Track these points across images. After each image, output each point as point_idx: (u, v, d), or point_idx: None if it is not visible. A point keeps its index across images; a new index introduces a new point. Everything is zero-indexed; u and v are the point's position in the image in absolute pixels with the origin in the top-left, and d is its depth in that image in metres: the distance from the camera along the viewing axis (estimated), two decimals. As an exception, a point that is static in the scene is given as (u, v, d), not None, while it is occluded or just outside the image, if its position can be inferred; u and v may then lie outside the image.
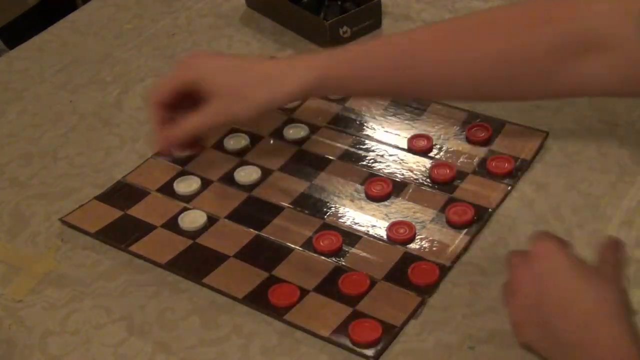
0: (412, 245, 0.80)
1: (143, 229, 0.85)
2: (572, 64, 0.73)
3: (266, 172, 0.90)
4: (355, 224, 0.83)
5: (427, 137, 0.92)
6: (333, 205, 0.85)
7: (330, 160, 0.91)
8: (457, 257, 0.79)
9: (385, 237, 0.81)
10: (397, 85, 0.79)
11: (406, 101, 0.98)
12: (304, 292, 0.76)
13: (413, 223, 0.82)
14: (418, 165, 0.89)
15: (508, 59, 0.75)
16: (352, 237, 0.82)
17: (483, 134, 0.91)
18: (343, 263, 0.79)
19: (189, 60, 0.83)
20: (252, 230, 0.83)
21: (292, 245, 0.81)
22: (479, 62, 0.75)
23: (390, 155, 0.91)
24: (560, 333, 0.62)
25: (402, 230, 0.81)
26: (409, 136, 0.92)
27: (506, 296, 0.69)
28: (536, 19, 0.75)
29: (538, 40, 0.74)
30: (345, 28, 1.09)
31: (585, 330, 0.62)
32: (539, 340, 0.65)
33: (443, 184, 0.86)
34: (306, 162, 0.91)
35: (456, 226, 0.82)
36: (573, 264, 0.65)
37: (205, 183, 0.90)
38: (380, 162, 0.90)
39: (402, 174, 0.88)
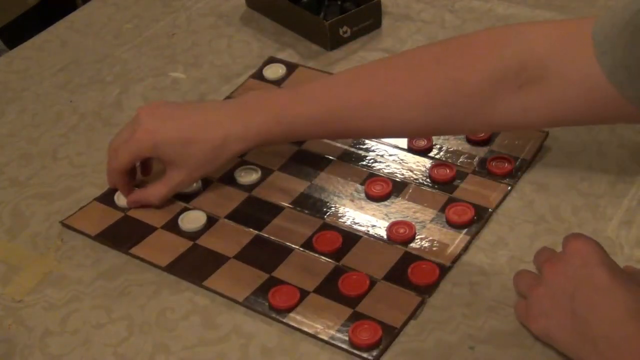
0: (412, 245, 0.80)
1: (143, 230, 0.85)
2: (508, 96, 0.74)
3: (266, 172, 0.90)
4: (355, 224, 0.83)
5: (427, 137, 0.91)
6: (333, 205, 0.85)
7: (330, 160, 0.91)
8: (457, 257, 0.79)
9: (385, 237, 0.81)
10: (335, 135, 0.89)
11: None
12: (304, 294, 0.76)
13: (413, 223, 0.82)
14: (418, 165, 0.89)
15: (441, 97, 0.77)
16: (352, 237, 0.82)
17: (483, 134, 0.91)
18: (343, 263, 0.79)
19: (143, 127, 0.84)
20: (252, 230, 0.83)
21: (292, 245, 0.81)
22: (414, 105, 0.78)
23: (390, 155, 0.91)
24: (589, 326, 0.64)
25: (402, 230, 0.81)
26: (409, 136, 0.92)
27: (527, 285, 0.70)
28: (470, 54, 0.77)
29: (473, 75, 0.75)
30: (345, 28, 1.09)
31: (615, 326, 0.63)
32: (563, 331, 0.66)
33: (443, 184, 0.86)
34: (306, 162, 0.91)
35: (456, 226, 0.82)
36: (607, 262, 0.66)
37: (206, 183, 0.90)
38: (380, 162, 0.90)
39: (402, 174, 0.88)
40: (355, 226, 0.83)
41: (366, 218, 0.84)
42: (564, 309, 0.66)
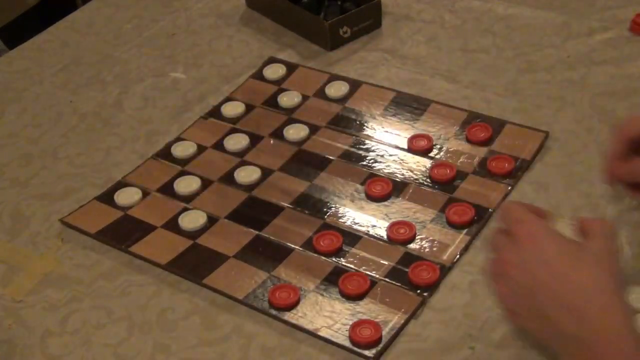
0: (412, 245, 0.80)
1: (143, 229, 0.85)
2: None
3: (266, 172, 0.90)
4: (355, 224, 0.83)
5: (427, 137, 0.92)
6: (333, 205, 0.85)
7: (330, 160, 0.91)
8: (457, 257, 0.79)
9: (385, 237, 0.81)
10: None
11: (406, 101, 0.98)
12: (304, 293, 0.76)
13: (413, 223, 0.82)
14: (418, 165, 0.89)
15: None
16: (352, 237, 0.82)
17: (483, 134, 0.91)
18: (343, 263, 0.79)
19: None
20: (252, 230, 0.83)
21: (292, 245, 0.81)
22: None
23: (390, 155, 0.91)
24: (558, 325, 0.61)
25: (402, 230, 0.81)
26: (409, 136, 0.92)
27: (493, 279, 0.66)
28: None
29: None
30: (345, 28, 1.09)
31: (582, 325, 0.59)
32: (536, 328, 0.64)
33: (443, 184, 0.86)
34: (306, 162, 0.91)
35: (456, 226, 0.82)
36: (560, 248, 0.62)
37: (205, 183, 0.90)
38: (380, 162, 0.90)
39: (402, 174, 0.88)
40: (355, 226, 0.83)
41: (366, 218, 0.84)
42: (529, 306, 0.63)
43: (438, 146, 0.91)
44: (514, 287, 0.63)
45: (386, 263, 0.78)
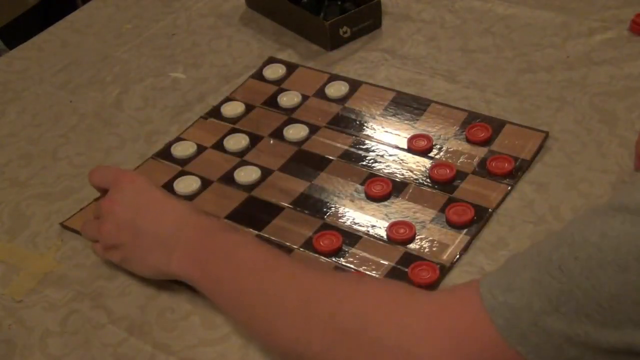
0: (412, 245, 0.80)
1: (143, 229, 0.85)
2: None
3: (266, 172, 0.90)
4: (355, 224, 0.83)
5: (427, 137, 0.92)
6: (333, 205, 0.85)
7: (330, 160, 0.91)
8: (457, 257, 0.79)
9: (385, 237, 0.81)
10: None
11: (406, 101, 0.98)
12: (304, 292, 0.76)
13: (413, 223, 0.82)
14: (418, 165, 0.89)
15: None
16: (352, 237, 0.82)
17: (483, 134, 0.91)
18: (343, 263, 0.79)
19: None
20: (252, 230, 0.83)
21: (292, 245, 0.81)
22: None
23: (390, 155, 0.91)
24: (149, 234, 0.75)
25: (402, 230, 0.81)
26: (409, 136, 0.92)
27: (100, 225, 0.78)
28: None
29: None
30: (345, 28, 1.09)
31: (168, 227, 0.75)
32: (134, 251, 0.77)
33: (443, 184, 0.86)
34: (306, 162, 0.91)
35: (456, 226, 0.82)
36: (150, 184, 0.79)
37: (205, 183, 0.90)
38: (380, 162, 0.90)
39: (402, 174, 0.88)
40: (355, 226, 0.83)
41: (366, 218, 0.84)
42: (131, 233, 0.76)
43: (438, 146, 0.91)
44: (119, 220, 0.77)
45: (386, 263, 0.79)
